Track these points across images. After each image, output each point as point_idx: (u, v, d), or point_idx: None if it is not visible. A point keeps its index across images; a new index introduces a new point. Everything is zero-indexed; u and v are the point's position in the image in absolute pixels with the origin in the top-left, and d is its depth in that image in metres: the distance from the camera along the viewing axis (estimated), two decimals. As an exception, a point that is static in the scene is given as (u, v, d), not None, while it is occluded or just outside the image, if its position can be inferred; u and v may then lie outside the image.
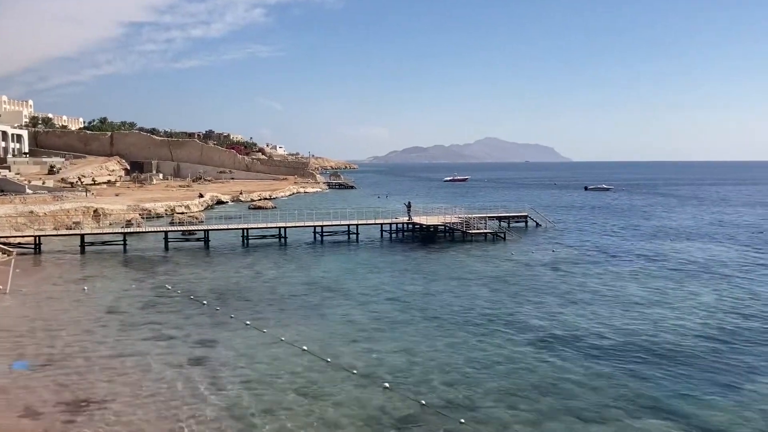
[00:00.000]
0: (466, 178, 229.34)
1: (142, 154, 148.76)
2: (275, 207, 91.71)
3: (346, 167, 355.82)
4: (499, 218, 67.22)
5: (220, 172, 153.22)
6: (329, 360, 23.52)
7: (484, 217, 62.67)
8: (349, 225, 60.23)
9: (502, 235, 58.53)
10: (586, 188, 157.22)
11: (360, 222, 61.08)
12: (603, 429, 17.87)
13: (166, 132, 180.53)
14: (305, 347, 25.02)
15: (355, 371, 22.28)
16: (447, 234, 59.80)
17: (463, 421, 18.13)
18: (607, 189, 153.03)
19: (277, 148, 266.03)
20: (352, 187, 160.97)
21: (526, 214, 71.75)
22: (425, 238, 59.59)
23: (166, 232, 56.13)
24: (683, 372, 22.27)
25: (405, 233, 62.42)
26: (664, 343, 25.70)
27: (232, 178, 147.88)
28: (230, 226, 60.07)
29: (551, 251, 51.04)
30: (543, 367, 22.85)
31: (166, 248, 53.35)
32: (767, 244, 54.50)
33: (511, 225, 67.74)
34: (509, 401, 19.73)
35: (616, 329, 27.73)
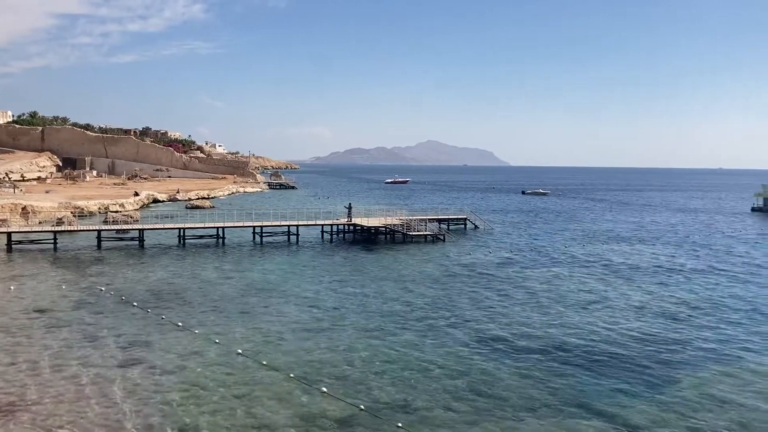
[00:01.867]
0: (407, 181, 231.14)
1: (75, 150, 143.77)
2: (213, 207, 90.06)
3: (287, 167, 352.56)
4: (439, 220, 67.87)
5: (157, 170, 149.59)
6: (265, 363, 23.16)
7: (425, 220, 63.20)
8: (289, 226, 59.67)
9: (442, 237, 59.15)
10: (523, 192, 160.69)
11: (300, 223, 60.60)
12: (535, 428, 18.20)
13: (101, 128, 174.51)
14: (240, 350, 24.58)
15: (291, 375, 22.01)
16: (388, 236, 59.98)
17: (400, 425, 18.14)
18: (544, 193, 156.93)
19: (217, 146, 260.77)
20: (293, 188, 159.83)
21: (465, 216, 72.77)
22: (366, 239, 59.62)
23: (99, 231, 54.28)
24: (611, 371, 22.91)
25: (346, 235, 62.29)
26: (595, 342, 26.40)
27: (169, 177, 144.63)
28: (166, 226, 58.59)
29: (489, 253, 51.90)
30: (479, 368, 23.12)
31: (99, 248, 51.63)
32: (692, 248, 56.85)
33: (450, 227, 68.54)
34: (446, 402, 19.87)
35: (550, 329, 28.36)
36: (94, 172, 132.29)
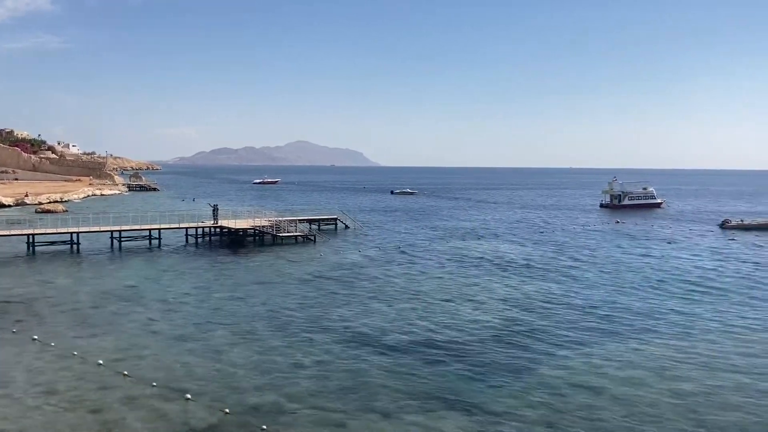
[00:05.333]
0: (277, 181, 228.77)
1: None
2: (67, 211, 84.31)
3: (148, 168, 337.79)
4: (310, 221, 67.81)
5: (2, 172, 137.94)
6: (126, 373, 22.08)
7: (295, 220, 62.82)
8: (150, 230, 57.04)
9: (312, 238, 59.09)
10: (392, 192, 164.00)
11: (163, 226, 58.13)
12: (404, 423, 18.63)
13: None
14: (100, 361, 23.27)
15: (154, 384, 21.12)
16: (256, 238, 58.98)
17: (265, 427, 17.93)
18: (412, 193, 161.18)
19: (71, 146, 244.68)
20: (154, 189, 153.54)
21: (336, 216, 73.15)
22: (234, 242, 58.27)
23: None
24: (476, 363, 23.97)
25: (212, 238, 60.52)
26: (459, 336, 27.51)
27: (16, 179, 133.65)
28: (12, 232, 53.93)
29: (359, 252, 52.52)
30: (348, 367, 23.35)
31: (-69, 258, 46.73)
32: (547, 242, 60.68)
33: (321, 228, 68.70)
34: (315, 403, 19.88)
35: (418, 325, 29.18)
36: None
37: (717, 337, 27.88)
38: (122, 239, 55.08)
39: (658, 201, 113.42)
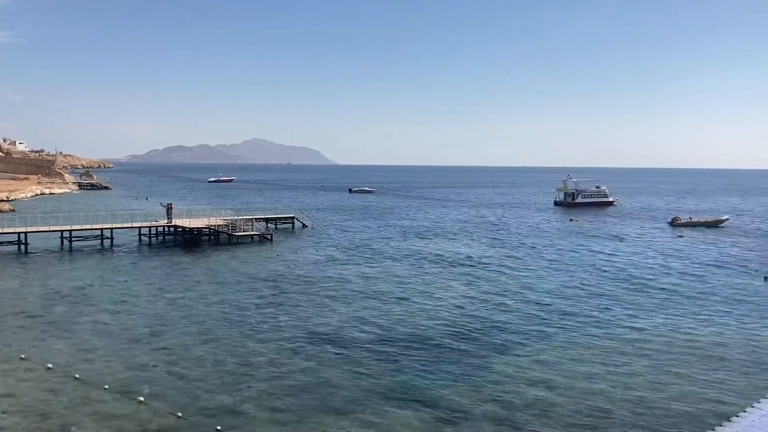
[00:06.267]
0: (232, 179, 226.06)
1: None
2: (14, 210, 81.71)
3: (100, 166, 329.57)
4: (266, 220, 67.28)
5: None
6: (77, 376, 21.58)
7: (251, 219, 62.24)
8: (102, 229, 55.75)
9: (269, 237, 58.65)
10: (350, 191, 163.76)
11: (115, 226, 56.90)
12: (360, 421, 18.68)
13: None
14: (50, 365, 22.70)
15: (106, 387, 20.69)
16: (212, 237, 58.21)
17: (219, 428, 17.74)
18: (370, 191, 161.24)
19: (17, 144, 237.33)
20: (107, 188, 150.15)
21: (293, 215, 72.73)
22: (188, 242, 57.38)
23: None
24: (433, 359, 24.18)
25: (166, 238, 59.51)
26: (416, 334, 27.69)
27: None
28: (-44, 233, 52.15)
29: (316, 251, 52.36)
30: (305, 366, 23.28)
31: None
32: (501, 239, 61.50)
33: (278, 226, 68.24)
34: (271, 402, 19.77)
35: (374, 324, 29.27)
36: None
37: (664, 330, 28.70)
38: (73, 239, 53.72)
39: (611, 199, 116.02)
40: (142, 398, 19.72)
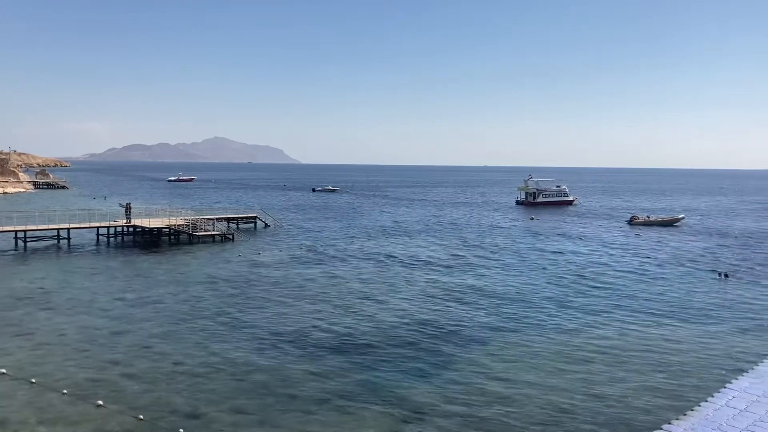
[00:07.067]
0: (193, 179, 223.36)
1: None
2: (-34, 210, 79.33)
3: (56, 165, 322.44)
4: (228, 219, 66.63)
5: None
6: (34, 381, 21.07)
7: (212, 219, 61.54)
8: (59, 229, 54.48)
9: (231, 237, 58.08)
10: (313, 190, 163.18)
11: (72, 226, 55.65)
12: (324, 421, 18.62)
13: None
14: (4, 370, 22.10)
15: (64, 391, 20.23)
16: (172, 237, 57.34)
17: (182, 430, 17.53)
18: (333, 190, 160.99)
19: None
20: (63, 187, 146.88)
21: (255, 215, 72.13)
22: (148, 242, 56.42)
23: None
24: (398, 358, 24.27)
25: (125, 238, 58.42)
26: (379, 333, 27.75)
27: None
28: None
29: (279, 250, 52.04)
30: (268, 367, 23.14)
31: None
32: (464, 239, 62.01)
33: (240, 226, 67.62)
34: (233, 405, 19.59)
35: (336, 323, 29.23)
36: None
37: (621, 328, 29.31)
38: (28, 239, 52.39)
39: (571, 198, 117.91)
40: (101, 402, 19.35)
